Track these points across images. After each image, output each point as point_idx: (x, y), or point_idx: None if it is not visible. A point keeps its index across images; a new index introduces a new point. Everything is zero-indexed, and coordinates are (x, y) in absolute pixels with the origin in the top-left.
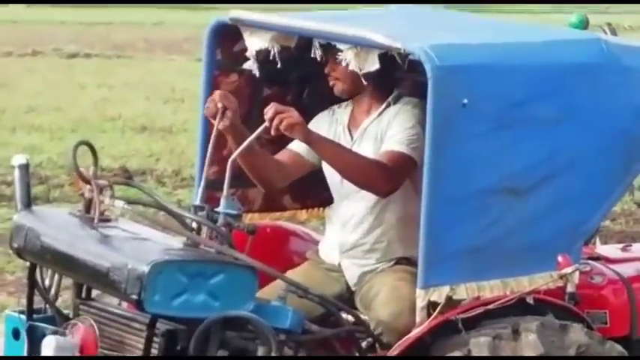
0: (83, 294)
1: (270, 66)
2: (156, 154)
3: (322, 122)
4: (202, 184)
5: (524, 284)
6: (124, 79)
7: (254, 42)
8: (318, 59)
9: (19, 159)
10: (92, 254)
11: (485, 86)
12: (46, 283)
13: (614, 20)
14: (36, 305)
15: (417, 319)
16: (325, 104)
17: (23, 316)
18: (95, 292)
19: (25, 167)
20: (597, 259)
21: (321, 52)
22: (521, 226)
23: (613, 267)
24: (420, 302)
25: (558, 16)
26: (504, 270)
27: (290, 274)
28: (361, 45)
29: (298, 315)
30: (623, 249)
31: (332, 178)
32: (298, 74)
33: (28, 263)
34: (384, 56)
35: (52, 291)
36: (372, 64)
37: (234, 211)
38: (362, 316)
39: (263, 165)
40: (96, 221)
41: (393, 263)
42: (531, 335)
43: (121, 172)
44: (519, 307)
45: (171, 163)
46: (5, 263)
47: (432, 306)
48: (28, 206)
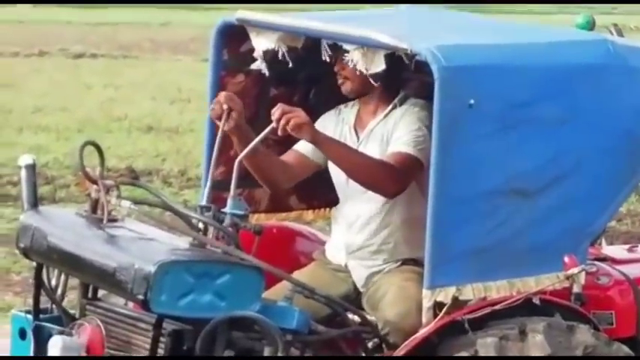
0: (89, 294)
1: (276, 66)
2: (162, 155)
3: (328, 122)
4: (209, 185)
5: (530, 285)
6: (130, 79)
7: (261, 42)
8: (327, 59)
9: (26, 159)
10: (99, 254)
11: (491, 87)
12: (53, 283)
13: (621, 21)
14: (42, 305)
15: (424, 320)
16: (332, 104)
17: (30, 316)
18: (101, 292)
19: (31, 167)
20: (603, 259)
21: (329, 52)
22: (528, 227)
23: (619, 268)
24: (426, 303)
25: (562, 16)
26: (511, 270)
27: (297, 275)
28: (368, 45)
29: (305, 315)
30: (630, 250)
31: (338, 179)
32: (305, 74)
33: (34, 263)
34: (391, 57)
35: (59, 291)
36: (378, 65)
37: (241, 212)
38: (368, 316)
39: (268, 166)
40: (104, 221)
41: (399, 264)
42: (538, 336)
43: (127, 173)
44: (526, 307)
45: (178, 164)
46: (12, 263)
47: (438, 306)
48: (34, 206)
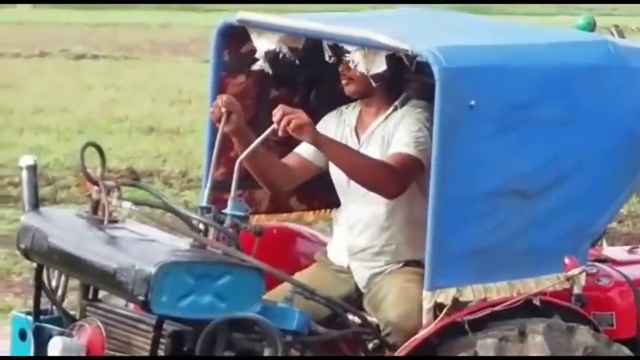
0: (90, 295)
1: (277, 67)
2: (163, 156)
3: (330, 123)
4: (209, 186)
5: (530, 286)
6: (130, 80)
7: (262, 43)
8: (329, 60)
9: (27, 160)
10: (99, 255)
11: (492, 88)
12: (53, 284)
13: (622, 22)
14: (43, 306)
15: (424, 321)
16: (333, 105)
17: (30, 317)
18: (102, 294)
19: (32, 168)
20: (604, 261)
21: (331, 53)
22: (528, 228)
23: (620, 269)
24: (426, 304)
25: (563, 17)
26: (511, 272)
27: (298, 276)
28: (369, 46)
29: (305, 316)
30: (630, 251)
31: (339, 181)
32: (306, 75)
33: (35, 264)
34: (394, 59)
35: (59, 292)
36: (379, 66)
37: (242, 213)
38: (368, 317)
39: (269, 167)
40: (105, 222)
41: (401, 265)
42: (538, 337)
43: (128, 174)
44: (526, 308)
45: (178, 165)
46: (12, 264)
47: (438, 307)
48: (35, 207)
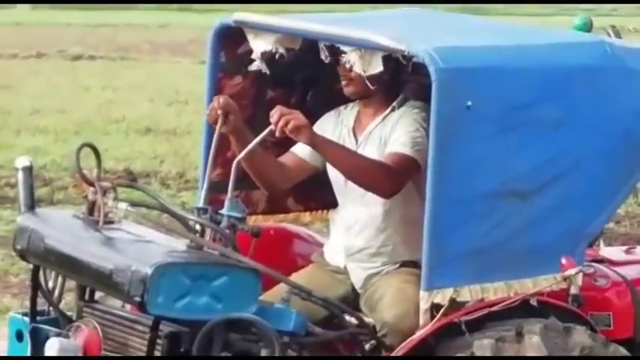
0: (86, 296)
1: (274, 68)
2: (160, 156)
3: (327, 123)
4: (206, 187)
5: (528, 286)
6: (128, 81)
7: (258, 44)
8: (326, 61)
9: (23, 161)
10: (96, 256)
11: (489, 88)
12: (50, 285)
13: (619, 23)
14: (39, 307)
15: (421, 321)
16: (330, 106)
17: (27, 318)
18: (98, 294)
19: (28, 169)
20: (601, 261)
21: (328, 54)
22: (525, 229)
23: (617, 269)
24: (423, 304)
25: (560, 18)
26: (508, 272)
27: (295, 277)
28: (366, 47)
29: (302, 317)
30: (627, 251)
31: (336, 182)
32: (302, 76)
33: (31, 265)
34: (391, 61)
35: (56, 293)
36: (376, 67)
37: (239, 214)
38: (365, 318)
39: (265, 167)
40: (101, 223)
41: (398, 266)
42: (535, 337)
43: (124, 174)
44: (523, 309)
45: (176, 165)
46: (9, 265)
47: (435, 308)
48: (31, 208)
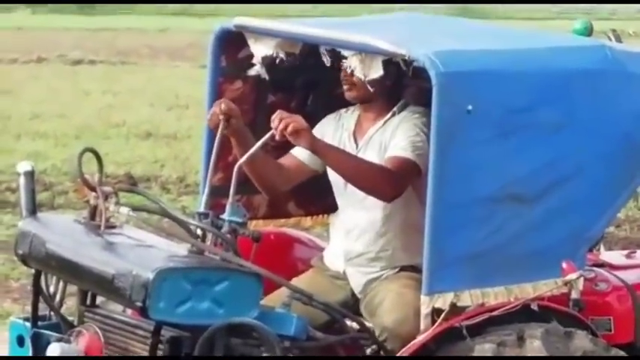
0: (88, 301)
1: (274, 72)
2: (160, 161)
3: (328, 126)
4: (207, 191)
5: (528, 291)
6: (128, 85)
7: (259, 48)
8: (328, 65)
9: (24, 166)
10: (97, 261)
11: (489, 93)
12: (51, 290)
13: (619, 26)
14: (41, 312)
15: (422, 326)
16: (330, 110)
17: (28, 323)
18: (100, 299)
19: (30, 174)
20: (601, 265)
21: (329, 59)
22: (526, 233)
23: (617, 273)
24: (424, 309)
25: (560, 22)
26: (508, 276)
27: (295, 281)
28: (366, 51)
29: (303, 322)
30: (628, 255)
31: (336, 186)
32: (303, 80)
33: (32, 270)
34: (392, 66)
35: (57, 298)
36: (376, 71)
37: (240, 219)
38: (366, 323)
39: (265, 170)
40: (103, 228)
41: (397, 270)
42: (536, 342)
43: (125, 179)
44: (524, 313)
45: (176, 170)
46: (10, 270)
47: (436, 313)
48: (33, 213)
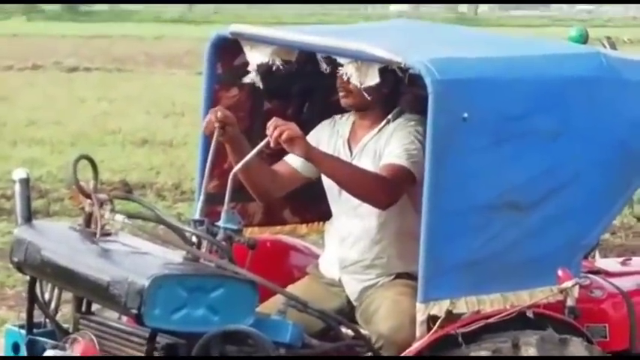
0: (83, 308)
1: (270, 80)
2: (156, 168)
3: (322, 132)
4: (202, 198)
5: (524, 298)
6: (124, 92)
7: (255, 56)
8: (326, 72)
9: (20, 173)
10: (92, 268)
11: (485, 100)
12: (46, 297)
13: (614, 34)
14: (36, 319)
15: (417, 333)
16: (325, 118)
17: (23, 331)
18: (95, 307)
19: (25, 181)
20: (597, 272)
21: (326, 66)
22: (521, 240)
23: (613, 281)
24: (420, 316)
25: (556, 29)
26: (504, 284)
27: (290, 289)
28: (362, 59)
29: (298, 329)
30: (623, 263)
31: (331, 193)
32: (299, 88)
33: (28, 277)
34: (389, 74)
35: (52, 305)
36: (372, 79)
37: (235, 226)
38: (362, 330)
39: (258, 175)
40: (98, 235)
41: (393, 278)
42: (531, 349)
43: (121, 186)
44: (519, 321)
45: (172, 177)
46: (5, 277)
47: (432, 320)
48: (28, 220)
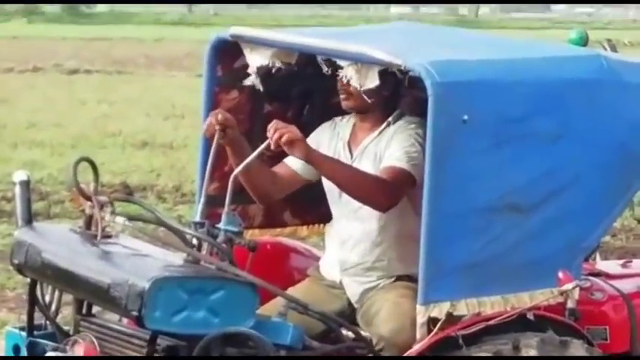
0: (84, 310)
1: (270, 82)
2: (156, 170)
3: (323, 135)
4: (202, 200)
5: (524, 300)
6: (124, 95)
7: (255, 58)
8: (327, 74)
9: (20, 175)
10: (93, 270)
11: (485, 102)
12: (47, 299)
13: (614, 36)
14: (36, 321)
15: (418, 335)
16: (326, 120)
17: (24, 333)
18: (96, 309)
19: (25, 183)
20: (597, 275)
21: (327, 68)
22: (522, 242)
23: (613, 283)
24: (420, 318)
25: (556, 31)
26: (505, 286)
27: (291, 291)
28: (362, 61)
29: (299, 331)
30: (624, 265)
31: (331, 196)
32: (299, 90)
33: (28, 279)
34: (390, 76)
35: (53, 307)
36: (372, 81)
37: (235, 228)
38: (362, 332)
39: (259, 177)
40: (99, 237)
41: (394, 280)
42: (532, 351)
43: (121, 188)
44: (520, 323)
45: (172, 179)
46: (6, 279)
47: (432, 322)
48: (28, 222)
